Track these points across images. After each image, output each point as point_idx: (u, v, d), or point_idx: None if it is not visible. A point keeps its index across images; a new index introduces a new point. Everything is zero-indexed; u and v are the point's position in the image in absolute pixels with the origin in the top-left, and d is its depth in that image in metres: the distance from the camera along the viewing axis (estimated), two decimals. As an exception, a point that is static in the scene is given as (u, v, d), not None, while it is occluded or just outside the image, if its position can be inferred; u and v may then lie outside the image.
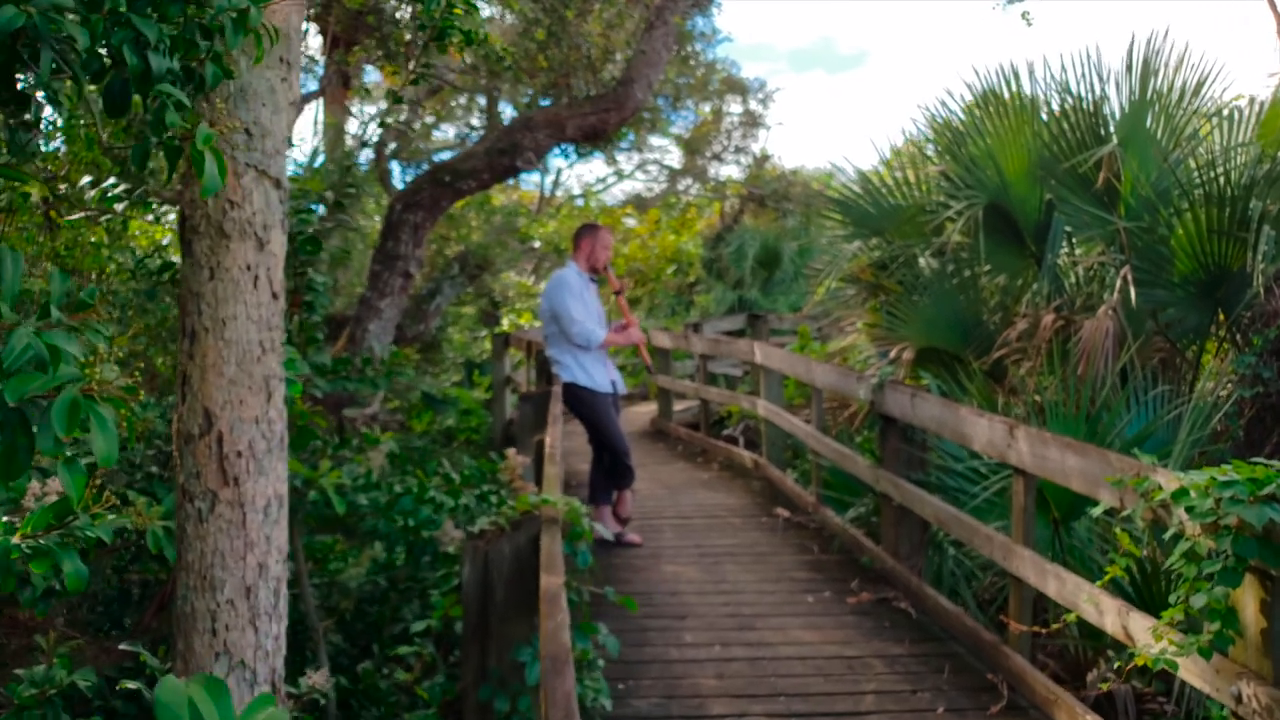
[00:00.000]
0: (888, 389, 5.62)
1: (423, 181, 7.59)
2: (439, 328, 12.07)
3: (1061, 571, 3.83)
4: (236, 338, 2.16)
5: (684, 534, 6.86)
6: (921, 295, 7.79)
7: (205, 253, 2.17)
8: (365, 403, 12.66)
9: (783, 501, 7.67)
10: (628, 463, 6.47)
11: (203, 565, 2.12)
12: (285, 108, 2.30)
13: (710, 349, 10.08)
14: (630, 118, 7.71)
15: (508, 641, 2.88)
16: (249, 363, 2.16)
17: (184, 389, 2.15)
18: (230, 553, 2.12)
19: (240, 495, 2.14)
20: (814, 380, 6.97)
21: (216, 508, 2.12)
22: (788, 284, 18.79)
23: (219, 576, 2.11)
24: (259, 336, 2.18)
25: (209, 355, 2.15)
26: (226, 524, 2.12)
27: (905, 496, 5.40)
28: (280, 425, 2.23)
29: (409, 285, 7.48)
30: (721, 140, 23.80)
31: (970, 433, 4.60)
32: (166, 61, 1.50)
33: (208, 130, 1.70)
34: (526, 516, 2.94)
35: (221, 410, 2.14)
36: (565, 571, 2.90)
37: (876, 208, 8.63)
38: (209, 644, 2.10)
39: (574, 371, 6.41)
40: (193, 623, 2.11)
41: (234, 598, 2.11)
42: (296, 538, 3.74)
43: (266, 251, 2.21)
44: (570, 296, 6.30)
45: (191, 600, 2.12)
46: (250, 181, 2.19)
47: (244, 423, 2.16)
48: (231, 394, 2.14)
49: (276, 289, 2.24)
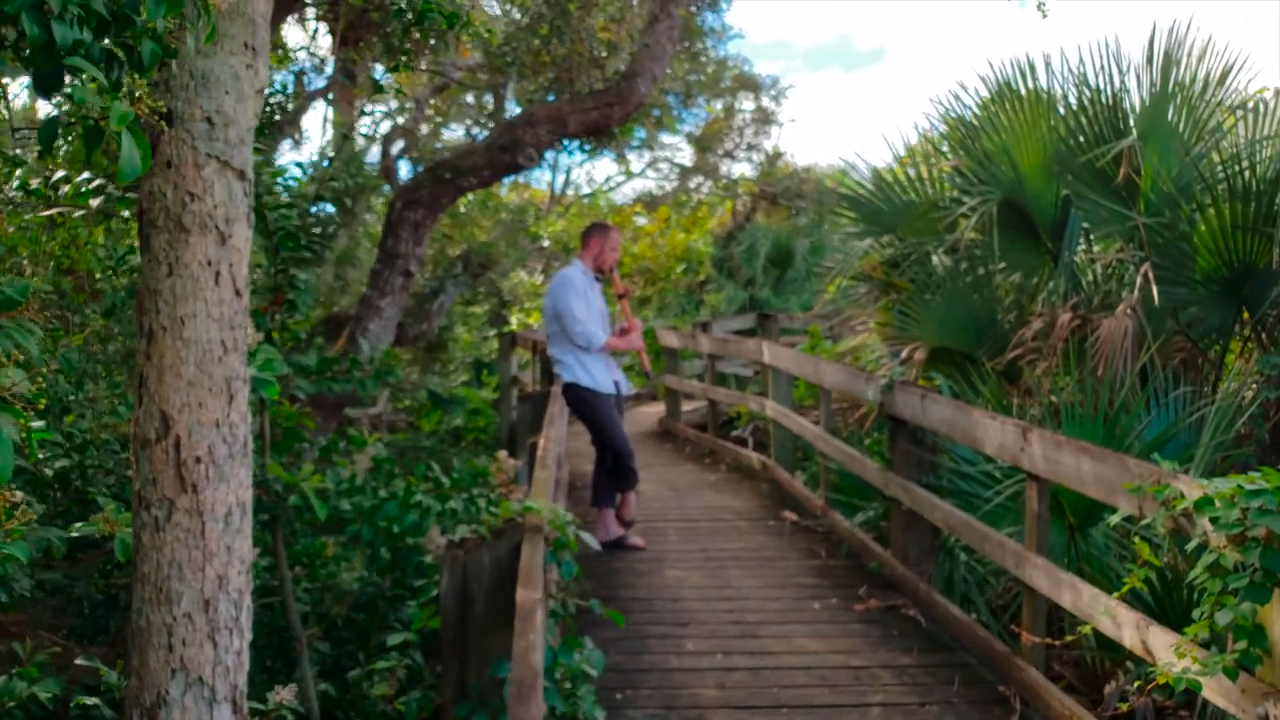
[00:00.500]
0: (897, 390, 5.46)
1: (423, 179, 7.45)
2: (443, 327, 11.96)
3: (1077, 582, 3.67)
4: (196, 337, 2.02)
5: (689, 537, 6.72)
6: (934, 294, 7.62)
7: (163, 248, 2.04)
8: (369, 402, 12.57)
9: (791, 504, 7.52)
10: (631, 465, 6.33)
11: (159, 577, 1.99)
12: (250, 96, 2.17)
13: (718, 348, 9.93)
14: (634, 112, 7.56)
15: (488, 656, 2.75)
16: (209, 363, 2.03)
17: (141, 391, 2.02)
18: (188, 564, 1.99)
19: (199, 503, 2.01)
20: (822, 381, 6.82)
21: (174, 516, 1.99)
22: (800, 283, 18.61)
23: (176, 589, 1.98)
24: (220, 336, 2.04)
25: (166, 355, 2.02)
26: (184, 533, 1.99)
27: (915, 501, 5.24)
28: (244, 429, 2.10)
29: (410, 284, 7.35)
30: (733, 138, 23.65)
31: (982, 436, 4.45)
32: (74, 33, 1.37)
33: (123, 109, 1.56)
34: (509, 524, 2.80)
35: (179, 413, 2.01)
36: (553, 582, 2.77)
37: (889, 204, 8.46)
38: (164, 660, 1.97)
39: (575, 371, 6.27)
40: (148, 637, 1.99)
41: (192, 611, 1.98)
42: (280, 543, 3.62)
43: (229, 246, 2.08)
44: (574, 295, 6.16)
45: (147, 614, 1.99)
46: (212, 173, 2.06)
47: (203, 426, 2.02)
48: (190, 396, 2.01)
49: (240, 286, 2.11)
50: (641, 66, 7.37)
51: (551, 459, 3.60)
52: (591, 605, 3.30)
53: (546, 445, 3.80)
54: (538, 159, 7.27)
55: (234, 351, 2.06)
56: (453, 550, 2.73)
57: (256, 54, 2.20)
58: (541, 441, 3.94)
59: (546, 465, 3.40)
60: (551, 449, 3.77)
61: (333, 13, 9.68)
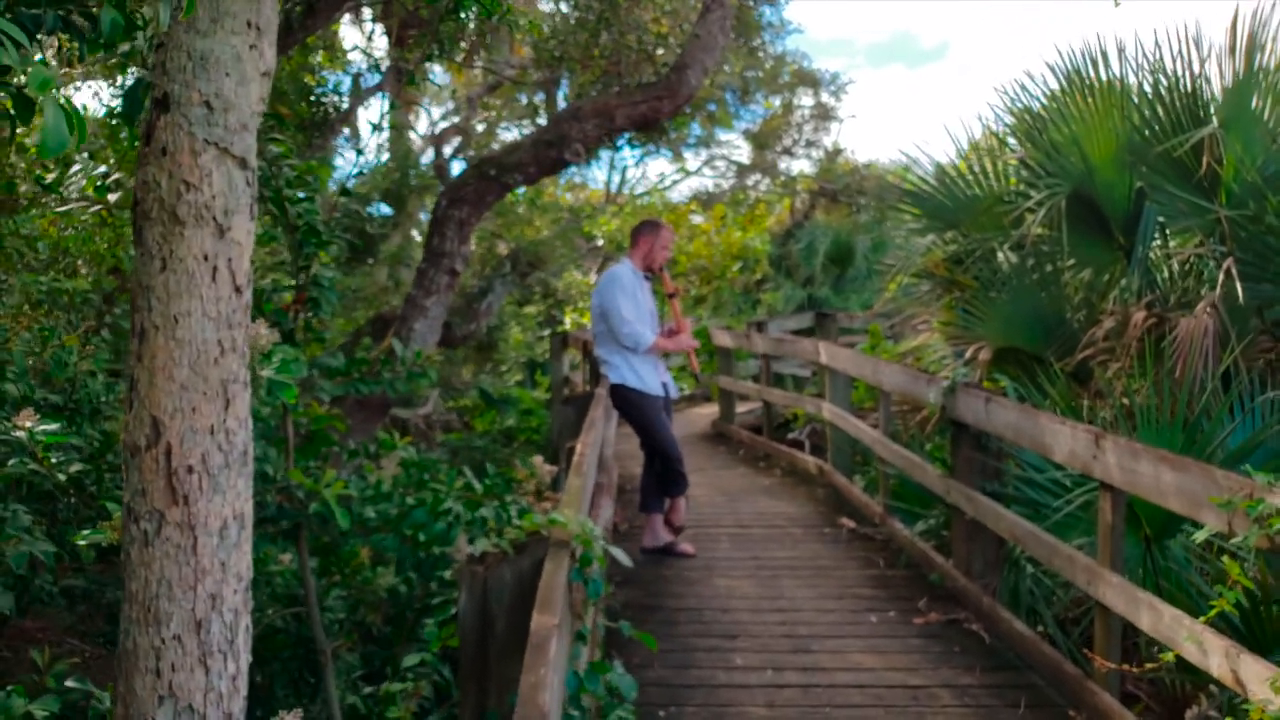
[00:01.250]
0: (960, 393, 5.18)
1: (468, 176, 7.31)
2: (493, 327, 11.85)
3: (1156, 602, 3.39)
4: (190, 337, 1.87)
5: (741, 545, 6.50)
6: (999, 291, 7.31)
7: (157, 241, 1.89)
8: (419, 403, 12.53)
9: (848, 511, 7.25)
10: (680, 469, 6.12)
11: (146, 596, 1.84)
12: (254, 78, 2.02)
13: (773, 349, 9.68)
14: (684, 105, 7.31)
15: (509, 682, 2.56)
16: (204, 365, 1.88)
17: (131, 395, 1.88)
18: (178, 581, 1.84)
19: (191, 516, 1.85)
20: (881, 382, 6.55)
21: (163, 530, 1.84)
22: (860, 281, 18.25)
23: (165, 609, 1.83)
24: (217, 335, 1.89)
25: (158, 356, 1.87)
26: (175, 549, 1.84)
27: (979, 510, 4.97)
28: (242, 436, 1.94)
29: (455, 283, 7.22)
30: (792, 134, 23.31)
31: (1051, 442, 4.17)
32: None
33: (44, 74, 1.41)
34: (534, 538, 2.63)
35: (171, 419, 1.86)
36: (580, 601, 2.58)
37: (952, 199, 8.17)
38: (152, 686, 1.82)
39: (623, 372, 6.08)
40: (135, 661, 1.84)
41: (181, 633, 1.83)
42: (304, 551, 3.48)
43: (228, 240, 1.92)
44: (622, 295, 5.97)
45: (134, 635, 1.84)
46: (210, 160, 1.91)
47: (197, 433, 1.87)
48: (183, 400, 1.86)
49: (240, 282, 1.95)
50: (692, 58, 7.13)
51: (589, 465, 3.39)
52: (621, 628, 3.09)
53: (584, 451, 3.60)
54: (585, 155, 7.08)
55: (232, 352, 1.91)
56: (472, 566, 2.56)
57: (261, 34, 2.04)
58: (579, 447, 3.74)
59: (582, 472, 3.19)
60: (589, 455, 3.56)
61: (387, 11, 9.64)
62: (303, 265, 3.51)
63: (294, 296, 3.49)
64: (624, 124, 7.05)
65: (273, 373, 2.62)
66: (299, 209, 3.45)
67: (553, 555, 2.43)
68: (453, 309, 9.28)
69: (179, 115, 1.92)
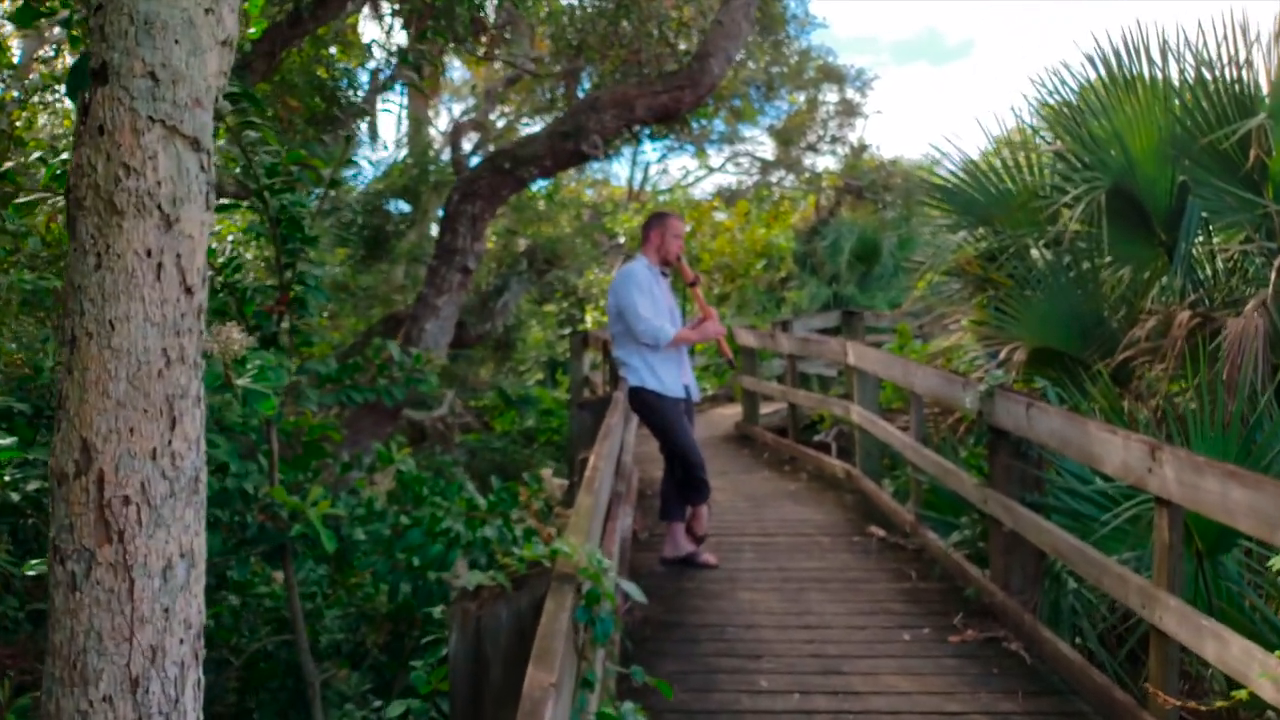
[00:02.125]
0: (998, 398, 4.88)
1: (481, 169, 7.04)
2: (510, 326, 11.60)
3: (1223, 631, 3.08)
4: (129, 345, 1.62)
5: (766, 555, 6.21)
6: (1034, 290, 6.99)
7: (91, 234, 1.63)
8: (434, 404, 12.32)
9: (877, 518, 6.95)
10: (702, 476, 5.84)
11: (72, 650, 1.57)
12: (210, 47, 1.76)
13: (799, 349, 9.37)
14: (706, 96, 7.02)
15: (506, 735, 2.32)
16: (146, 378, 1.63)
17: (59, 413, 1.63)
18: (110, 633, 1.57)
19: (127, 555, 1.59)
20: (913, 385, 6.24)
21: (93, 572, 1.57)
22: (887, 279, 17.90)
23: (94, 665, 1.56)
24: (162, 343, 1.64)
25: (91, 368, 1.61)
26: (106, 594, 1.58)
27: (1018, 522, 4.66)
28: (192, 460, 1.68)
29: (468, 281, 6.96)
30: (817, 130, 22.99)
31: (1101, 452, 3.86)
32: None
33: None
34: (535, 570, 2.36)
35: (105, 441, 1.60)
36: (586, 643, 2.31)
37: (983, 194, 7.86)
38: (79, 757, 1.56)
39: (642, 374, 5.82)
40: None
41: (112, 694, 1.56)
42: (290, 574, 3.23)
43: (176, 232, 1.67)
44: (637, 292, 5.70)
45: (57, 697, 1.58)
46: (155, 140, 1.65)
47: (135, 458, 1.61)
48: (119, 420, 1.61)
49: (191, 281, 1.70)
50: (714, 46, 6.82)
51: (601, 480, 3.11)
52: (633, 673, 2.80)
53: (596, 463, 3.32)
54: (603, 147, 6.80)
55: (180, 363, 1.66)
56: (464, 603, 2.29)
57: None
58: (592, 458, 3.45)
59: (593, 489, 2.91)
60: (603, 467, 3.28)
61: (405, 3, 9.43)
62: (287, 262, 3.26)
63: (277, 297, 3.24)
64: (644, 115, 6.75)
65: (249, 381, 2.38)
66: (281, 200, 3.19)
67: (554, 593, 2.16)
68: (467, 308, 9.04)
69: (119, 88, 1.67)
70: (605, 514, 3.63)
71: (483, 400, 15.48)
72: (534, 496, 3.41)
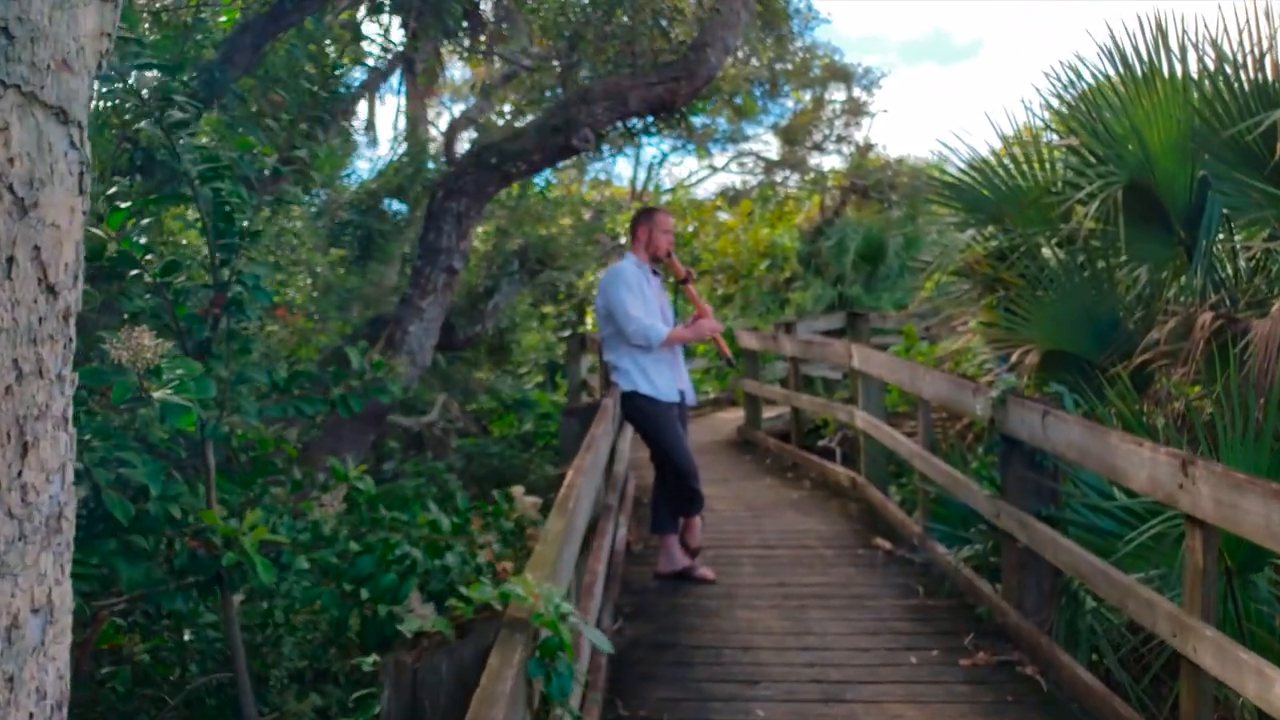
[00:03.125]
0: (1011, 405, 4.58)
1: (466, 165, 6.73)
2: (504, 328, 11.30)
3: (1265, 667, 2.78)
4: (-27, 355, 1.34)
5: (766, 568, 5.92)
6: (1047, 290, 6.70)
7: (-70, 221, 1.36)
8: (425, 409, 12.03)
9: (883, 529, 6.66)
10: (695, 486, 5.56)
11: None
12: (86, 2, 1.48)
13: (802, 351, 9.08)
14: (703, 87, 6.71)
15: (448, 810, 2.02)
16: (-7, 395, 1.35)
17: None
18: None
19: (-43, 613, 1.31)
20: (921, 391, 5.95)
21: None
22: (893, 280, 17.61)
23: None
24: (13, 354, 1.35)
25: (-77, 383, 1.34)
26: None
27: (1033, 538, 4.37)
28: (51, 494, 1.40)
29: (454, 281, 6.66)
30: (822, 129, 22.66)
31: (1124, 466, 3.57)
32: None
33: None
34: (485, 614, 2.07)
35: (-63, 472, 1.33)
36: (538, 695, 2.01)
37: (993, 191, 7.56)
38: None
39: (634, 378, 5.53)
40: None
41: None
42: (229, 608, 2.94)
43: (32, 220, 1.38)
44: (626, 291, 5.42)
45: None
46: (6, 109, 1.37)
47: (-24, 493, 1.34)
48: (-44, 445, 1.33)
49: (56, 280, 1.41)
50: (712, 36, 6.52)
51: (580, 498, 2.80)
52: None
53: (574, 480, 3.00)
54: (594, 141, 6.50)
55: (36, 377, 1.38)
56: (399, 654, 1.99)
57: (99, -55, 1.50)
58: (570, 473, 3.14)
59: (566, 510, 2.59)
60: (581, 485, 2.96)
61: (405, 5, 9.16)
62: (222, 260, 2.96)
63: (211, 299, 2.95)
64: (638, 107, 6.44)
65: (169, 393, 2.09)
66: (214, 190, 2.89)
67: (501, 646, 1.84)
68: (456, 310, 8.75)
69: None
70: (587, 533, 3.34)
71: (481, 403, 15.20)
72: (502, 518, 3.11)
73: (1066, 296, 6.66)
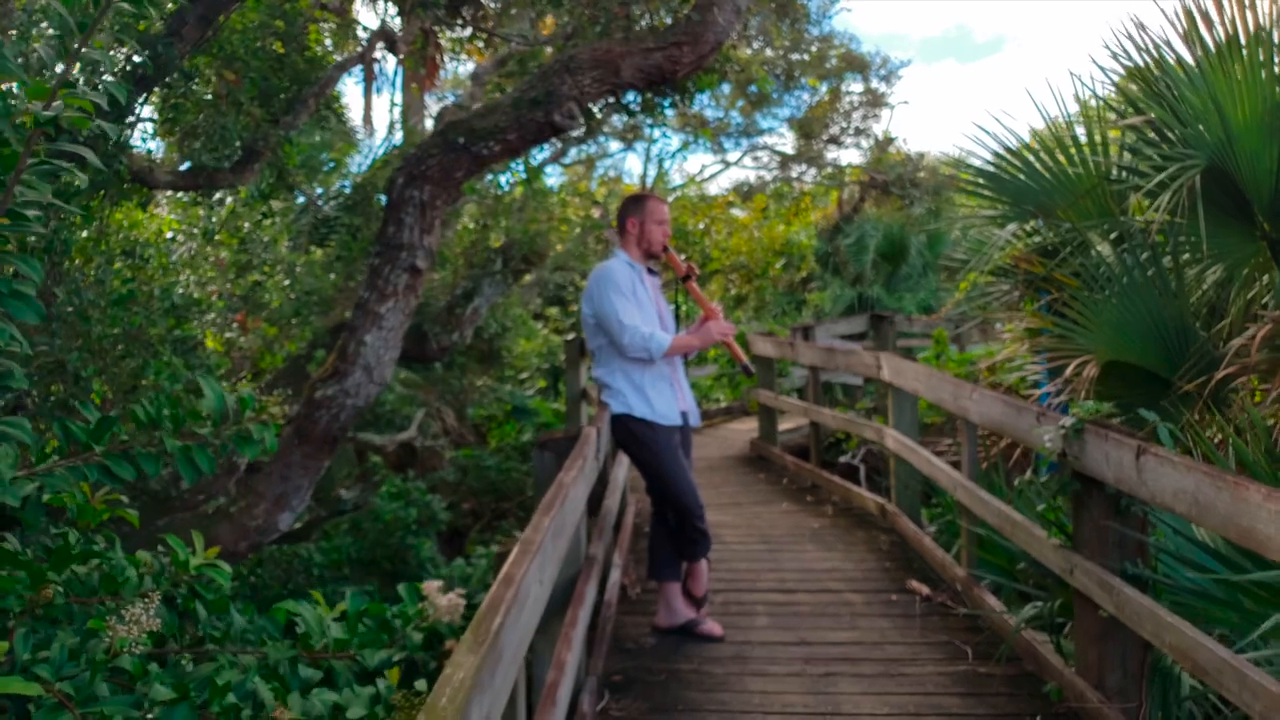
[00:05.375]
0: (1091, 438, 3.67)
1: (430, 147, 5.82)
2: (495, 333, 10.41)
3: None
4: None
5: (783, 621, 5.03)
6: (1106, 291, 5.80)
7: None
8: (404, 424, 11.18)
9: (918, 569, 5.78)
10: (701, 526, 4.67)
11: None
12: None
13: (823, 360, 8.17)
14: (710, 56, 5.75)
15: None
16: None
17: None
18: None
19: None
20: (967, 412, 5.04)
21: None
22: (915, 279, 16.71)
23: None
24: None
25: None
26: None
27: (1124, 608, 3.46)
28: None
29: (419, 282, 5.77)
30: (839, 122, 21.74)
31: (1268, 532, 2.66)
32: None
33: None
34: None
35: None
36: None
37: (1038, 180, 6.66)
38: None
39: (628, 398, 4.66)
40: None
41: None
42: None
43: None
44: (616, 294, 4.53)
45: None
46: None
47: None
48: None
49: None
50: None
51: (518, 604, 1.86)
52: None
53: (515, 571, 2.04)
54: (579, 118, 5.57)
55: None
56: None
57: None
58: (514, 552, 2.17)
59: (485, 637, 1.66)
60: (528, 575, 2.03)
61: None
62: (-48, 256, 2.12)
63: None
64: (632, 78, 5.50)
65: None
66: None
67: None
68: (431, 315, 7.86)
69: None
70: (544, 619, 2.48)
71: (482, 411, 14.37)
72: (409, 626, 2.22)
73: (1128, 299, 5.77)
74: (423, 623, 2.24)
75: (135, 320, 5.35)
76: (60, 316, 5.59)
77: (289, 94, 7.80)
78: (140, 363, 5.43)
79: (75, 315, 5.36)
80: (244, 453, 2.29)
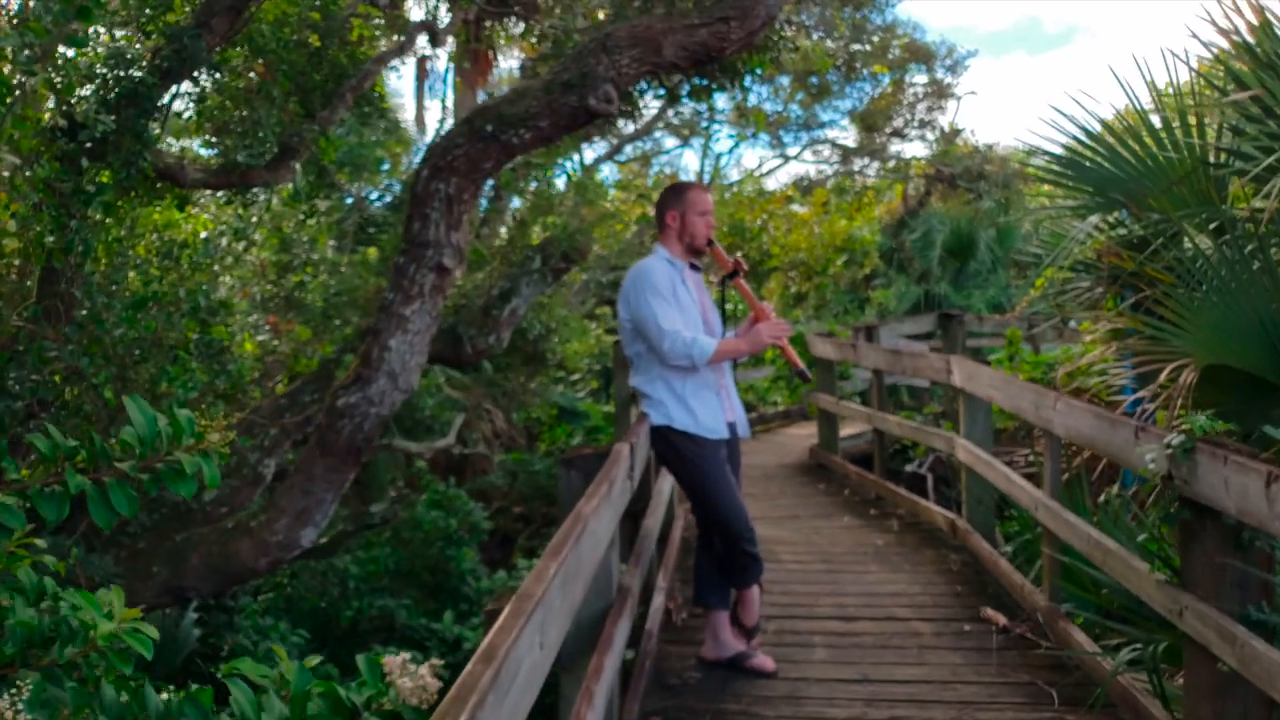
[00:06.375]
0: (1204, 459, 3.14)
1: (456, 136, 5.40)
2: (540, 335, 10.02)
3: None
4: None
5: (843, 653, 4.55)
6: (1205, 288, 5.22)
7: None
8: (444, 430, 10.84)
9: (993, 594, 5.25)
10: (750, 549, 4.21)
11: None
12: None
13: (888, 363, 7.63)
14: (760, 31, 5.24)
15: None
16: None
17: None
18: None
19: None
20: (1051, 424, 4.51)
21: None
22: (984, 276, 15.99)
23: None
24: None
25: None
26: None
27: (1249, 663, 2.93)
28: None
29: (447, 282, 5.36)
30: (903, 114, 21.05)
31: None
32: None
33: None
34: None
35: None
36: None
37: (1123, 166, 6.08)
38: None
39: (669, 409, 4.22)
40: None
41: None
42: None
43: None
44: (654, 296, 4.09)
45: None
46: None
47: None
48: None
49: None
50: (771, -39, 5.13)
51: (504, 665, 1.46)
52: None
53: (516, 617, 1.56)
54: (617, 101, 5.11)
55: None
56: None
57: None
58: (510, 606, 1.70)
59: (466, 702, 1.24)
60: (518, 634, 1.59)
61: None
62: None
63: None
64: (675, 57, 5.02)
65: None
66: None
67: None
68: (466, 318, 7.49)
69: None
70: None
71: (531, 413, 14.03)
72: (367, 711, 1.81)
73: (1230, 296, 5.17)
74: (384, 707, 1.84)
75: (151, 325, 5.06)
76: (76, 320, 5.33)
77: (327, 89, 7.49)
78: (158, 368, 5.12)
79: (89, 318, 5.07)
80: (175, 490, 1.91)
